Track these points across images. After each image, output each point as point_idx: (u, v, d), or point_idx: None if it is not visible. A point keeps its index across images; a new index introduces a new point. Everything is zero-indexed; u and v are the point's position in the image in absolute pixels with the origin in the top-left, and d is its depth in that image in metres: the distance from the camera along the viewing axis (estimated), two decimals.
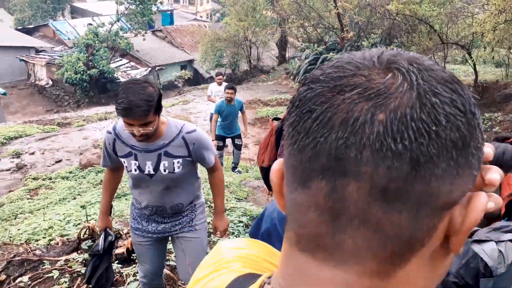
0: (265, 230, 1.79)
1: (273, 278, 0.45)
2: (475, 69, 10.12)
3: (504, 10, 7.43)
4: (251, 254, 0.58)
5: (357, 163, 0.34)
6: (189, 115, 11.75)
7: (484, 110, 9.43)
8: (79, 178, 7.85)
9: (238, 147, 7.02)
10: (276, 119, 2.97)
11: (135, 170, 2.08)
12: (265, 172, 3.02)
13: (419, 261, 0.37)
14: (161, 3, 24.83)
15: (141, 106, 1.80)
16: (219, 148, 6.94)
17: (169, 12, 35.21)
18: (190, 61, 27.58)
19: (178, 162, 2.07)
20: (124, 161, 2.12)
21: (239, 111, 6.80)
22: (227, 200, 4.59)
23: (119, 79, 23.08)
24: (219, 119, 6.76)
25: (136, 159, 2.08)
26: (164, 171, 2.06)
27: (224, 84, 8.20)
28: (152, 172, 2.07)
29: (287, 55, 21.45)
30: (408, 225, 0.35)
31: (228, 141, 7.32)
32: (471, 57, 10.10)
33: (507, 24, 8.00)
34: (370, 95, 0.35)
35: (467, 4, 9.28)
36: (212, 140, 6.60)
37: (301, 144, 0.37)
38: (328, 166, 0.35)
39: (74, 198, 6.73)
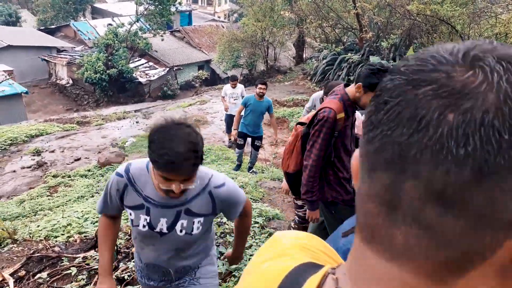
0: None
1: (339, 268, 0.47)
2: None
3: None
4: (310, 245, 0.59)
5: (416, 162, 0.33)
6: (206, 115, 11.80)
7: None
8: (97, 176, 7.97)
9: (256, 148, 6.86)
10: (301, 123, 2.92)
11: (144, 226, 1.69)
12: (291, 178, 2.97)
13: (483, 274, 0.35)
14: (179, 3, 25.05)
15: (190, 158, 1.44)
16: (240, 147, 6.81)
17: (188, 13, 35.50)
18: (208, 62, 27.74)
19: (198, 222, 1.70)
20: (130, 213, 1.70)
21: (267, 112, 6.57)
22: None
23: (137, 78, 23.38)
24: (242, 114, 6.58)
25: (148, 213, 1.67)
26: (181, 231, 1.69)
27: (239, 86, 8.34)
28: (165, 230, 1.69)
29: (304, 56, 21.33)
30: (465, 235, 0.33)
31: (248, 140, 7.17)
32: None
33: None
34: (444, 93, 0.33)
35: (491, 4, 9.04)
36: (234, 130, 6.74)
37: (370, 135, 0.38)
38: (391, 160, 0.35)
39: (92, 196, 6.83)
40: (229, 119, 8.15)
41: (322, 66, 13.97)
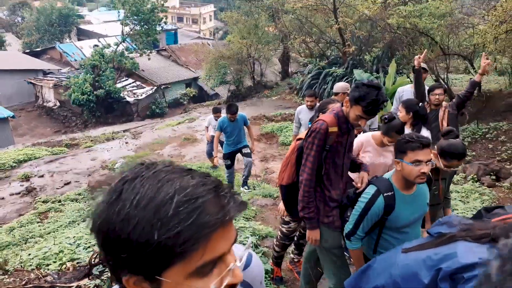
0: (378, 286, 1.76)
1: None
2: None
3: (504, 20, 7.49)
4: None
5: None
6: (195, 133, 11.86)
7: (489, 119, 9.43)
8: (88, 200, 7.93)
9: (247, 155, 6.68)
10: (299, 139, 2.97)
11: None
12: (284, 191, 3.00)
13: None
14: (165, 23, 25.26)
15: None
16: (229, 167, 6.73)
17: (173, 31, 35.77)
18: (195, 79, 27.90)
19: None
20: None
21: (244, 126, 6.62)
22: (235, 220, 4.63)
23: (125, 98, 23.39)
24: (224, 137, 6.57)
25: None
26: None
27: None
28: None
29: (290, 70, 21.61)
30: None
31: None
32: (473, 67, 10.13)
33: (508, 34, 8.06)
34: None
35: (467, 16, 9.35)
36: (214, 157, 6.81)
37: None
38: None
39: (84, 221, 6.79)
40: (212, 143, 7.72)
41: (307, 81, 14.18)
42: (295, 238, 3.79)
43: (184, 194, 0.69)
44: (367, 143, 3.59)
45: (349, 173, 3.06)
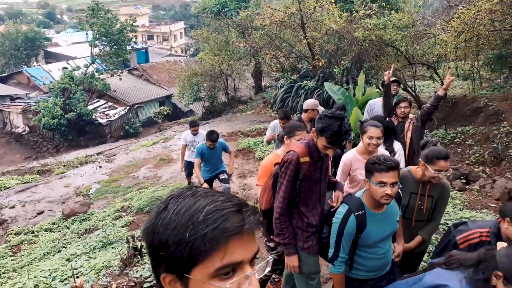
0: None
1: None
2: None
3: (463, 31, 7.85)
4: None
5: None
6: (171, 153, 11.75)
7: (456, 124, 9.78)
8: (63, 229, 7.73)
9: (225, 181, 6.48)
10: (277, 163, 3.00)
11: None
12: (263, 215, 3.04)
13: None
14: (135, 42, 25.17)
15: None
16: None
17: (144, 50, 35.60)
18: (168, 97, 27.79)
19: None
20: None
21: (224, 151, 6.48)
22: None
23: (97, 120, 23.03)
24: (202, 163, 6.32)
25: None
26: None
27: (201, 133, 7.23)
28: None
29: (263, 84, 21.83)
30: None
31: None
32: (438, 75, 10.53)
33: (468, 43, 8.45)
34: None
35: (428, 27, 9.76)
36: (202, 183, 6.33)
37: None
38: None
39: (59, 251, 6.62)
40: (189, 166, 7.44)
41: (280, 94, 14.35)
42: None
43: (213, 206, 0.87)
44: (354, 160, 3.57)
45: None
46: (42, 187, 10.51)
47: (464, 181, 7.29)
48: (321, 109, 5.61)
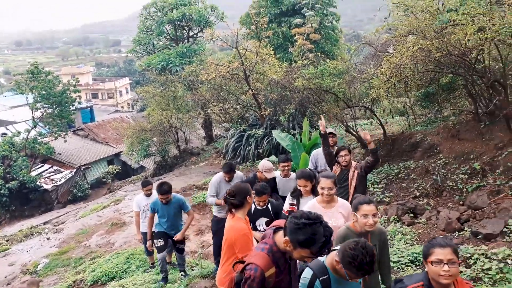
0: None
1: None
2: (381, 125, 11.26)
3: (391, 75, 8.57)
4: None
5: None
6: (123, 216, 11.36)
7: (398, 160, 10.38)
8: None
9: (180, 251, 6.03)
10: (240, 262, 2.71)
11: None
12: None
13: None
14: (79, 102, 24.69)
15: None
16: (161, 249, 5.80)
17: (89, 109, 34.94)
18: (117, 155, 27.16)
19: None
20: None
21: (183, 211, 5.95)
22: None
23: (42, 186, 21.86)
24: (157, 218, 5.84)
25: None
26: None
27: (155, 194, 6.24)
28: None
29: (214, 134, 22.07)
30: None
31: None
32: (375, 115, 11.26)
33: (397, 85, 9.21)
34: None
35: (361, 74, 10.54)
36: (148, 240, 6.01)
37: None
38: None
39: None
40: (147, 239, 6.51)
41: (232, 144, 14.59)
42: None
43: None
44: (314, 208, 3.67)
45: None
46: None
47: (411, 215, 7.69)
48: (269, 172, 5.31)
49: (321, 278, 2.53)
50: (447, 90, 10.44)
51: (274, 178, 5.32)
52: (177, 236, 5.81)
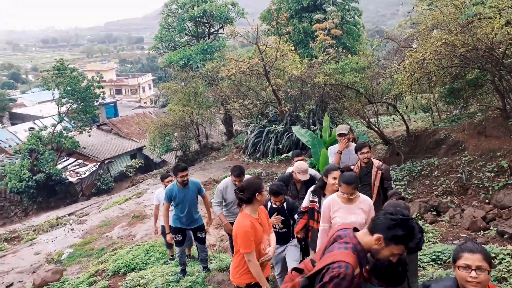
0: None
1: None
2: (404, 121, 11.05)
3: (414, 71, 8.39)
4: None
5: None
6: (144, 208, 11.56)
7: (421, 157, 10.17)
8: None
9: (201, 241, 5.83)
10: (297, 270, 2.50)
11: None
12: None
13: None
14: (103, 98, 25.19)
15: None
16: (179, 244, 5.81)
17: (113, 104, 35.61)
18: (140, 149, 27.61)
19: None
20: None
21: (198, 195, 5.69)
22: None
23: (67, 179, 22.47)
24: (172, 207, 5.67)
25: None
26: None
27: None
28: None
29: (234, 130, 22.15)
30: None
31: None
32: (398, 111, 11.05)
33: (421, 80, 9.00)
34: None
35: (383, 69, 10.37)
36: (167, 233, 5.74)
37: None
38: None
39: None
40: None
41: (251, 139, 14.60)
42: None
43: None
44: (334, 203, 3.67)
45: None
46: (10, 257, 10.01)
47: (434, 212, 7.52)
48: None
49: None
50: (473, 86, 10.16)
51: (312, 179, 4.89)
52: (208, 223, 5.87)
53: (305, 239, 4.51)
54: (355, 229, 2.38)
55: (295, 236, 4.47)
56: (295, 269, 2.52)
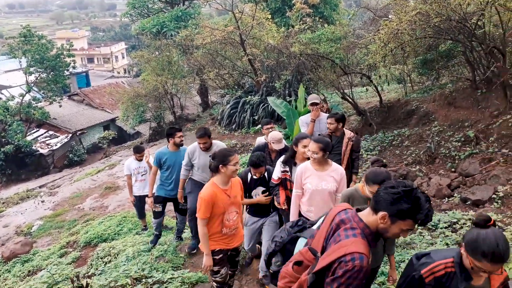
0: None
1: None
2: (378, 92, 11.14)
3: (389, 41, 8.37)
4: None
5: None
6: (117, 180, 11.41)
7: (393, 127, 10.35)
8: (3, 273, 7.22)
9: (182, 212, 5.67)
10: (298, 263, 2.30)
11: None
12: None
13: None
14: (73, 67, 24.29)
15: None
16: (157, 215, 5.73)
17: (84, 74, 34.43)
18: (113, 120, 27.01)
19: None
20: None
21: None
22: (163, 271, 4.53)
23: (38, 150, 21.86)
24: (160, 175, 5.52)
25: None
26: None
27: (149, 159, 6.51)
28: None
29: (209, 101, 21.86)
30: None
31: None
32: (372, 83, 11.11)
33: (395, 51, 9.01)
34: None
35: (358, 39, 10.31)
36: (149, 197, 5.68)
37: None
38: None
39: None
40: (139, 202, 6.75)
41: (227, 110, 14.46)
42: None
43: None
44: (306, 170, 3.69)
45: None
46: None
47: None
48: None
49: None
50: (445, 57, 10.26)
51: (286, 148, 4.72)
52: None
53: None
54: (358, 210, 2.18)
55: (281, 207, 4.20)
56: (297, 262, 2.28)
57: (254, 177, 4.34)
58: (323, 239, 2.17)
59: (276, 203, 4.22)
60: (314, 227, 2.45)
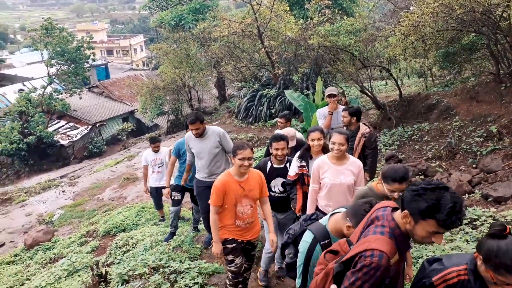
0: None
1: None
2: (397, 86, 10.94)
3: (409, 33, 8.21)
4: None
5: None
6: (135, 171, 11.57)
7: (413, 122, 10.17)
8: (26, 260, 7.45)
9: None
10: (332, 252, 2.30)
11: None
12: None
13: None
14: (93, 59, 24.64)
15: None
16: (176, 203, 5.79)
17: (104, 66, 34.90)
18: (132, 112, 27.35)
19: None
20: None
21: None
22: (180, 261, 4.59)
23: (59, 141, 22.34)
24: (178, 165, 5.55)
25: None
26: None
27: (163, 149, 6.72)
28: None
29: (227, 94, 21.89)
30: None
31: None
32: (392, 76, 10.92)
33: (415, 44, 8.83)
34: None
35: (378, 31, 10.13)
36: (167, 187, 5.65)
37: None
38: None
39: (22, 284, 6.38)
40: (156, 193, 6.84)
41: (244, 103, 14.46)
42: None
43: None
44: (323, 163, 3.63)
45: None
46: (2, 218, 10.08)
47: (422, 176, 7.59)
48: (299, 135, 4.94)
49: (322, 243, 2.41)
50: (468, 50, 9.99)
51: (302, 144, 4.53)
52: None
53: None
54: (395, 209, 2.09)
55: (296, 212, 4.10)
56: (329, 251, 2.30)
57: (275, 165, 4.17)
58: (359, 232, 2.17)
59: (292, 207, 4.13)
60: (321, 220, 2.50)
